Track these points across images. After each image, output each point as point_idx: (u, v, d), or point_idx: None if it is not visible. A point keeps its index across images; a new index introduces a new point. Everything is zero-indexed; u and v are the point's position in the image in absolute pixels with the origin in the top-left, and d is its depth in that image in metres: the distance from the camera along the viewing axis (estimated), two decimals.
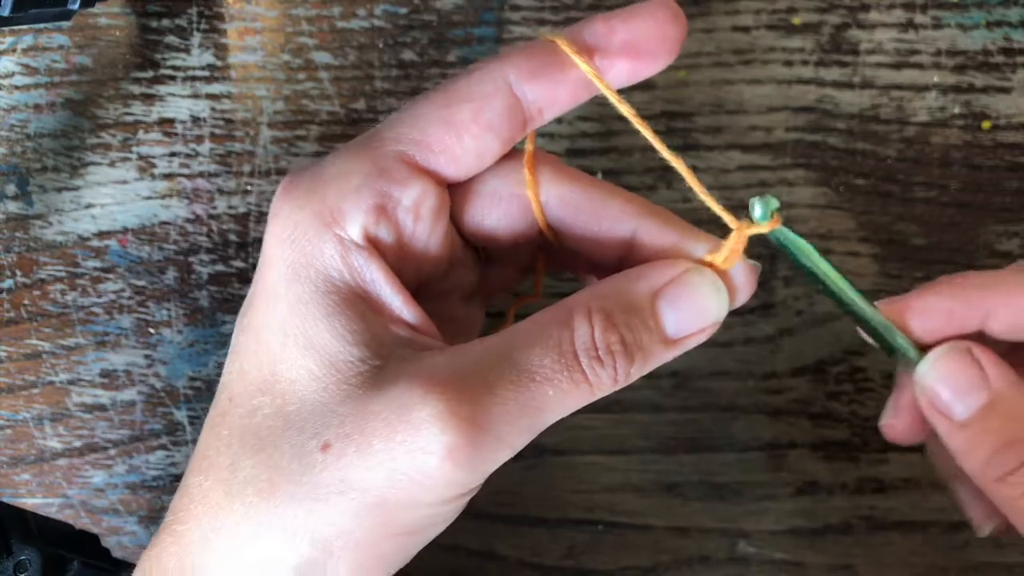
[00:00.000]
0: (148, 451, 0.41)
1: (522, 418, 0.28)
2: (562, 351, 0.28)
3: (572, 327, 0.29)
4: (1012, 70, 0.40)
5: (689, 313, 0.30)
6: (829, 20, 0.41)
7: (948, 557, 0.40)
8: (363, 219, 0.30)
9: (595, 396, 0.29)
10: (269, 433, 0.29)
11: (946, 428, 0.31)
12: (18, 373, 0.41)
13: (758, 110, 0.41)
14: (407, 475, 0.27)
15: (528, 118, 0.31)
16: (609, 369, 0.29)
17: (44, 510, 0.41)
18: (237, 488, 0.29)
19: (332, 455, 0.28)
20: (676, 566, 0.41)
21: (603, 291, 0.30)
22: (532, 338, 0.28)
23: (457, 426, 0.27)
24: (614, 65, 0.31)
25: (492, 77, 0.31)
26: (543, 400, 0.28)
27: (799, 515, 0.41)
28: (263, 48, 0.41)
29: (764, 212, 0.30)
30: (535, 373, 0.28)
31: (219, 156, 0.41)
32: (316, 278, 0.29)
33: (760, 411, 0.41)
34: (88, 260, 0.41)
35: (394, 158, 0.30)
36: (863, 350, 0.40)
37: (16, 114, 0.41)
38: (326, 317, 0.29)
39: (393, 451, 0.27)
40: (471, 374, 0.28)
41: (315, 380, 0.29)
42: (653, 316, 0.30)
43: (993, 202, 0.41)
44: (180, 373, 0.41)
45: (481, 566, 0.41)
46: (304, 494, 0.28)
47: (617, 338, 0.29)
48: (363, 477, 0.27)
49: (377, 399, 0.28)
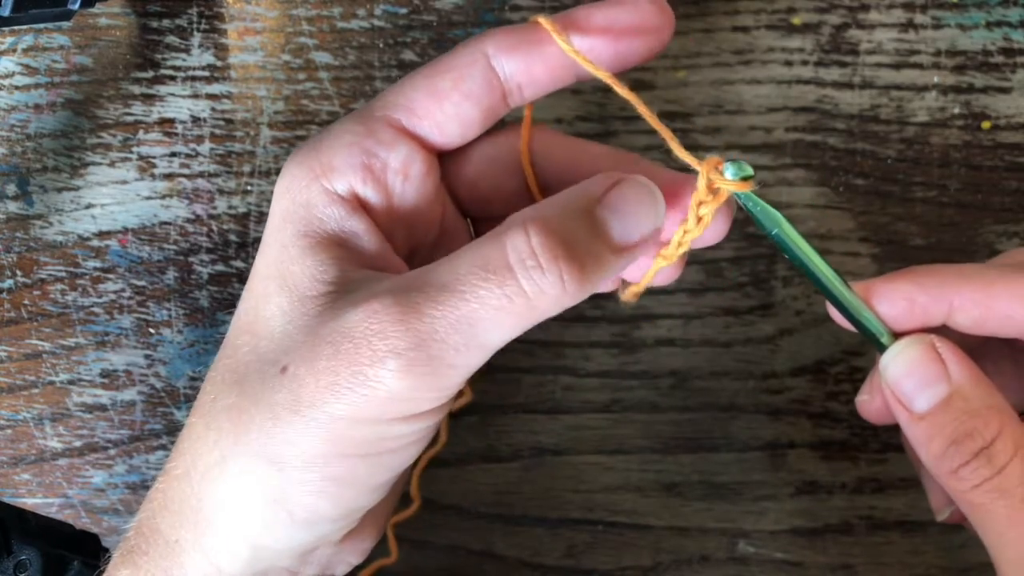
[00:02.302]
0: (148, 451, 0.41)
1: (453, 334, 0.28)
2: (489, 265, 0.28)
3: (503, 241, 0.28)
4: (1012, 70, 0.40)
5: (633, 218, 0.30)
6: (829, 20, 0.41)
7: (947, 557, 0.40)
8: (350, 175, 0.32)
9: (539, 310, 0.29)
10: (245, 368, 0.31)
11: (906, 418, 0.32)
12: (18, 373, 0.41)
13: (758, 110, 0.41)
14: (349, 388, 0.28)
15: (507, 92, 0.33)
16: (553, 276, 0.28)
17: (44, 510, 0.41)
18: (213, 418, 0.30)
19: (287, 376, 0.29)
20: (676, 566, 0.41)
21: (540, 205, 0.30)
22: (466, 256, 0.29)
23: (390, 339, 0.28)
24: (594, 44, 0.32)
25: (472, 51, 0.33)
26: (473, 316, 0.28)
27: (799, 515, 0.41)
28: (263, 48, 0.41)
29: (736, 173, 0.31)
30: (462, 290, 0.28)
31: (219, 156, 0.41)
32: (299, 223, 0.31)
33: (760, 411, 0.41)
34: (88, 260, 0.41)
35: (382, 122, 0.32)
36: (862, 350, 0.40)
37: (16, 114, 0.41)
38: (301, 257, 0.31)
39: (336, 368, 0.28)
40: (403, 294, 0.28)
41: (284, 315, 0.30)
42: (596, 222, 0.30)
43: (993, 202, 0.41)
44: (180, 373, 0.41)
45: (481, 566, 0.41)
46: (263, 415, 0.29)
47: (559, 241, 0.28)
48: (311, 394, 0.28)
49: (328, 324, 0.29)
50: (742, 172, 0.31)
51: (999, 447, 0.30)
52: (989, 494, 0.30)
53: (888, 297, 0.32)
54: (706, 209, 0.31)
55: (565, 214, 0.29)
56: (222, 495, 0.30)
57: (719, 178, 0.31)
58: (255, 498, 0.30)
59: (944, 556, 0.40)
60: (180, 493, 0.31)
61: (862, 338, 0.33)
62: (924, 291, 0.32)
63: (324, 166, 0.32)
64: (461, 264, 0.29)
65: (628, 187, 0.30)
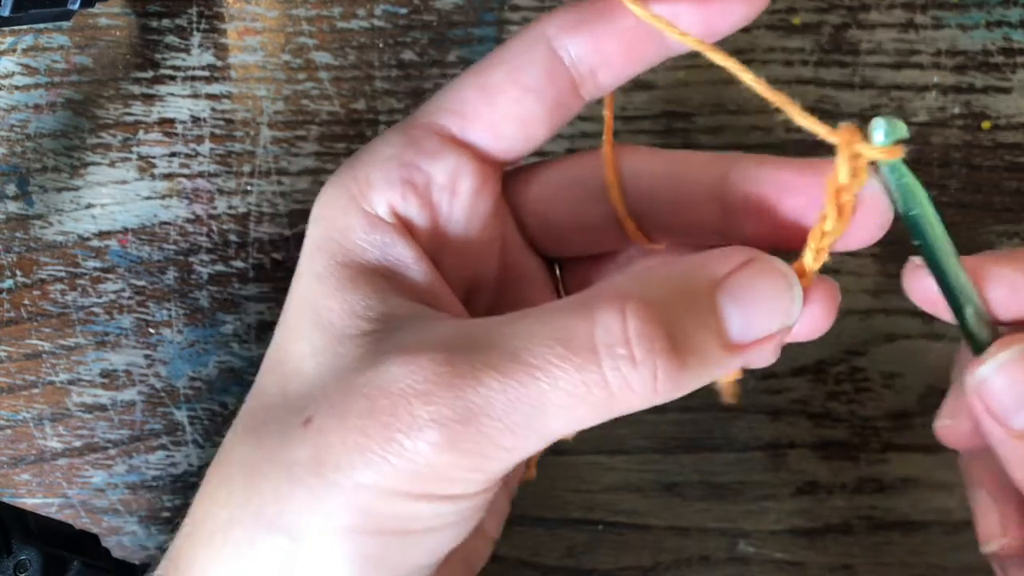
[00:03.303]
0: (148, 451, 0.41)
1: (511, 413, 0.23)
2: (573, 341, 0.23)
3: (593, 315, 0.23)
4: (1012, 70, 0.40)
5: (759, 312, 0.24)
6: (829, 20, 0.41)
7: (948, 557, 0.40)
8: (390, 194, 0.27)
9: (619, 407, 0.24)
10: (266, 412, 0.26)
11: (1001, 436, 0.27)
12: (18, 373, 0.41)
13: (758, 110, 0.41)
14: (381, 455, 0.24)
15: (578, 80, 0.27)
16: (645, 372, 0.23)
17: (44, 510, 0.41)
18: (227, 471, 0.27)
19: (312, 430, 0.25)
20: (676, 566, 0.41)
21: (644, 277, 0.25)
22: (543, 322, 0.24)
23: (435, 405, 0.23)
24: (678, 11, 0.27)
25: (529, 35, 0.27)
26: (540, 399, 0.23)
27: (799, 515, 0.41)
28: (263, 48, 0.41)
29: (890, 134, 0.24)
30: (533, 364, 0.23)
31: (219, 156, 0.41)
32: (336, 251, 0.27)
33: (760, 411, 0.41)
34: (88, 260, 0.41)
35: (425, 129, 0.28)
36: (863, 350, 0.40)
37: (16, 114, 0.41)
38: (339, 291, 0.26)
39: (368, 428, 0.24)
40: (460, 353, 0.24)
41: (317, 354, 0.26)
42: (712, 311, 0.24)
43: (993, 202, 0.40)
44: (180, 373, 0.41)
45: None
46: (279, 474, 0.25)
47: (662, 332, 0.23)
48: (337, 455, 0.24)
49: (366, 372, 0.25)
50: (896, 133, 0.24)
51: None
52: None
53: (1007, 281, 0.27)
54: (849, 195, 0.25)
55: (674, 296, 0.24)
56: (223, 568, 0.26)
57: (865, 146, 0.24)
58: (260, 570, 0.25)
59: (944, 557, 0.40)
60: (186, 558, 0.27)
61: (863, 338, 0.32)
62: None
63: (361, 184, 0.27)
64: (537, 331, 0.24)
65: (759, 272, 0.24)
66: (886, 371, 0.40)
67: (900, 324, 0.40)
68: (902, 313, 0.40)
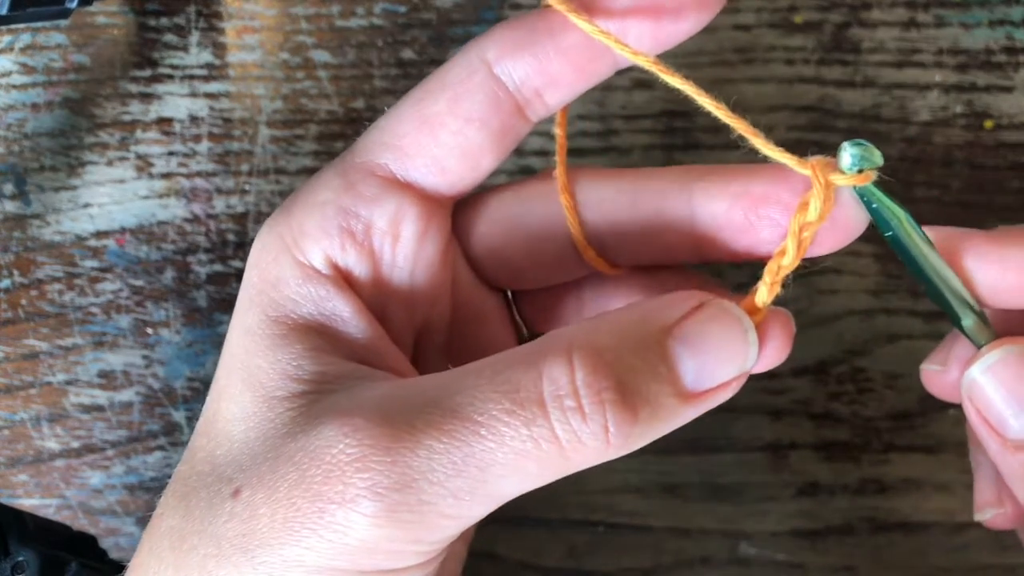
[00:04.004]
0: (146, 452, 0.41)
1: (455, 477, 0.22)
2: (519, 397, 0.22)
3: (540, 368, 0.22)
4: (1015, 69, 0.40)
5: (714, 359, 0.24)
6: (831, 19, 0.40)
7: (950, 558, 0.40)
8: (326, 243, 0.26)
9: (572, 463, 0.23)
10: (197, 479, 0.25)
11: (997, 446, 0.25)
12: (15, 373, 0.41)
13: (759, 109, 0.40)
14: (311, 529, 0.22)
15: (523, 104, 0.26)
16: (595, 426, 0.22)
17: (42, 511, 0.41)
18: (156, 542, 0.25)
19: (240, 502, 0.23)
20: (677, 567, 0.41)
21: (593, 325, 0.23)
22: (486, 377, 0.22)
23: (369, 473, 0.22)
24: (624, 25, 0.25)
25: (468, 59, 0.26)
26: (485, 459, 0.22)
27: (800, 516, 0.41)
28: (262, 47, 0.40)
29: (856, 160, 0.23)
30: (477, 421, 0.22)
31: (217, 155, 0.41)
32: (267, 305, 0.25)
33: (761, 411, 0.41)
34: (86, 260, 0.41)
35: (364, 171, 0.26)
36: (864, 350, 0.40)
37: (13, 113, 0.41)
38: (270, 349, 0.25)
39: (297, 501, 0.22)
40: (398, 413, 0.22)
41: (247, 418, 0.24)
42: (664, 359, 0.23)
43: (995, 202, 0.40)
44: (178, 373, 0.41)
45: (481, 568, 0.41)
46: (206, 548, 0.23)
47: (611, 384, 0.22)
48: (265, 530, 0.22)
49: (298, 438, 0.23)
50: (870, 159, 0.23)
51: None
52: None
53: (990, 259, 0.25)
54: (811, 231, 0.24)
55: (625, 344, 0.23)
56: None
57: (837, 176, 0.24)
58: None
59: (947, 557, 0.40)
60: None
61: (864, 338, 0.32)
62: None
63: (295, 232, 0.26)
64: (481, 385, 0.22)
65: (713, 317, 0.24)
66: (888, 371, 0.40)
67: (902, 324, 0.40)
68: (904, 313, 0.40)
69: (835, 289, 0.40)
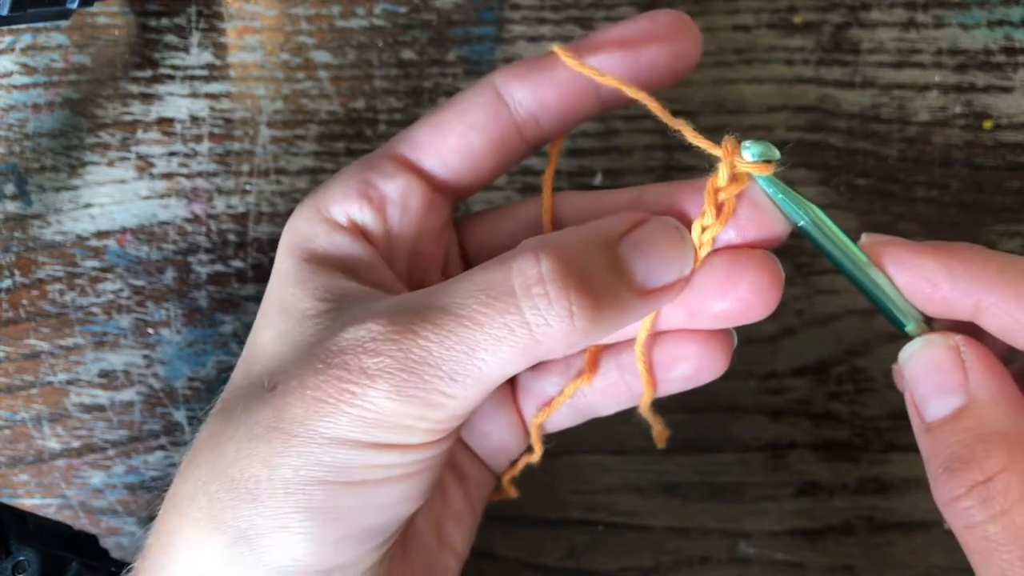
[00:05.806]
0: (147, 451, 0.41)
1: (447, 361, 0.26)
2: (493, 289, 0.26)
3: (510, 264, 0.27)
4: (1013, 69, 0.40)
5: (658, 261, 0.28)
6: (830, 19, 0.40)
7: (949, 558, 0.40)
8: (348, 205, 0.31)
9: (542, 346, 0.26)
10: (234, 395, 0.29)
11: (917, 425, 0.28)
12: (17, 373, 0.41)
13: (759, 109, 0.40)
14: (335, 406, 0.26)
15: (520, 124, 0.32)
16: (560, 308, 0.26)
17: (43, 511, 0.41)
18: (194, 448, 0.29)
19: (275, 395, 0.27)
20: (676, 567, 0.41)
21: (555, 235, 0.28)
22: (468, 280, 0.27)
23: (381, 358, 0.26)
24: (609, 60, 0.31)
25: (480, 82, 0.32)
26: (470, 343, 0.26)
27: (800, 515, 0.41)
28: (262, 47, 0.41)
29: (758, 155, 0.28)
30: (460, 314, 0.26)
31: (218, 156, 0.41)
32: (301, 252, 0.31)
33: (761, 411, 0.41)
34: (87, 260, 0.41)
35: (384, 156, 0.32)
36: (864, 350, 0.40)
37: (14, 113, 0.41)
38: (302, 280, 0.30)
39: (324, 384, 0.26)
40: (401, 315, 0.27)
41: (280, 337, 0.29)
42: (617, 258, 0.27)
43: (994, 202, 0.40)
44: (179, 373, 0.41)
45: (481, 567, 0.41)
46: (242, 435, 0.27)
47: (573, 270, 0.26)
48: (295, 411, 0.27)
49: (323, 342, 0.27)
50: (766, 153, 0.28)
51: (999, 486, 0.25)
52: (982, 542, 0.25)
53: (905, 266, 0.28)
54: (726, 195, 0.28)
55: (583, 244, 0.27)
56: (187, 532, 0.27)
57: (739, 160, 0.28)
58: (220, 533, 0.27)
59: (946, 557, 0.40)
60: (155, 535, 0.29)
61: (864, 337, 0.32)
62: (950, 280, 0.28)
63: (324, 199, 0.31)
64: (464, 286, 0.27)
65: (655, 226, 0.28)
66: (887, 371, 0.40)
67: None
68: None
69: (835, 289, 0.40)
